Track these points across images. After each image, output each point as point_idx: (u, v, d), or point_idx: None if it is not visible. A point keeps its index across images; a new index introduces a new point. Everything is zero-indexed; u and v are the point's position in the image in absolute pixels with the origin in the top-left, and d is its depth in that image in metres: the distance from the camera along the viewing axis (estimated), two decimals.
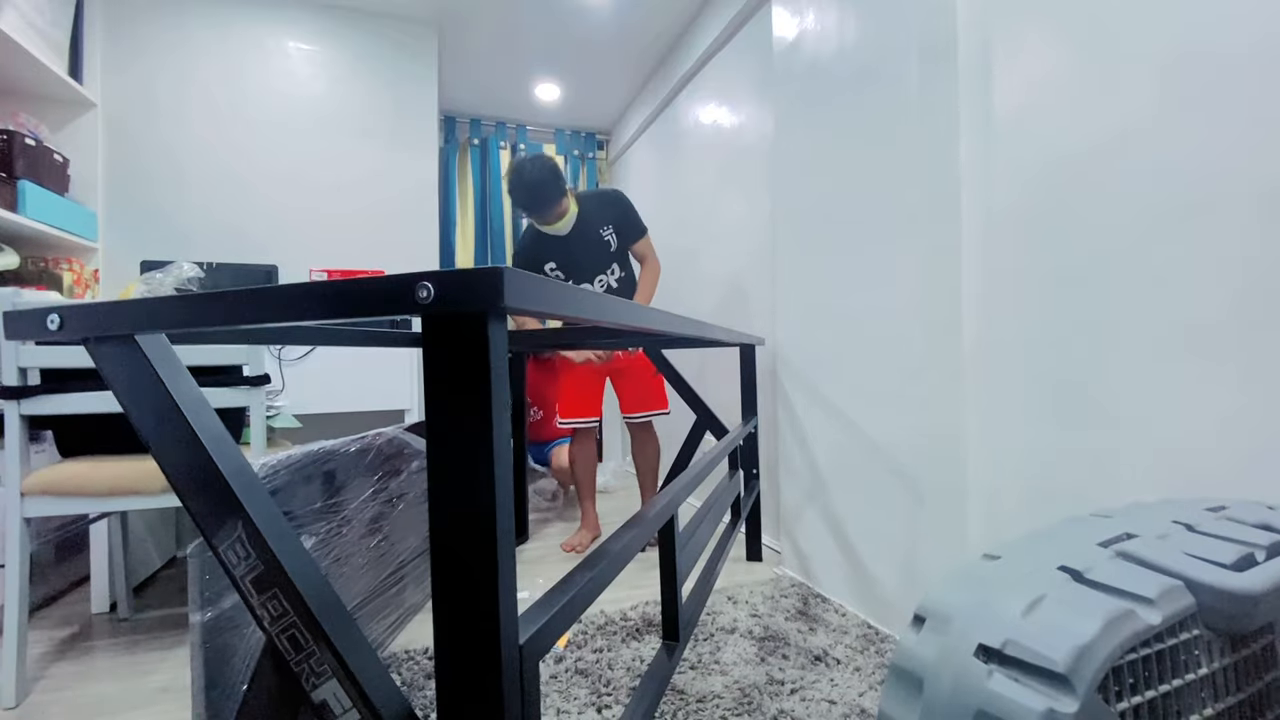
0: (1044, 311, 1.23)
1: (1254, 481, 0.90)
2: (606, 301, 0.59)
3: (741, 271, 2.48)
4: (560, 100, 3.63)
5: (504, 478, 0.42)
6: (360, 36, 2.73)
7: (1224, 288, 0.95)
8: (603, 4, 2.70)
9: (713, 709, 1.16)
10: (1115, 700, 0.48)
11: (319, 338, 1.41)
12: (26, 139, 1.96)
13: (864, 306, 1.59)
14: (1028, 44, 1.27)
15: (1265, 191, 0.90)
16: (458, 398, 0.41)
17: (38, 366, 1.26)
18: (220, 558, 0.51)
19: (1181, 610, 0.52)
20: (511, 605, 0.44)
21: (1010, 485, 1.31)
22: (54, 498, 1.27)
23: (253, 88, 2.58)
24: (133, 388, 0.53)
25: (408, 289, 0.40)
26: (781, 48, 1.93)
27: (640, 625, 1.53)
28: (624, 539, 0.76)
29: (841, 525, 1.68)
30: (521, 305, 0.41)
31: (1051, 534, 0.68)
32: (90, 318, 0.52)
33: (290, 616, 0.50)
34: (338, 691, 0.49)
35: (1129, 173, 1.08)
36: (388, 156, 2.77)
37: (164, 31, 2.47)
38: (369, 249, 2.71)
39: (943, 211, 1.41)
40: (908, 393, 1.45)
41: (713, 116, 2.73)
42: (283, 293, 0.44)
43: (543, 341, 2.26)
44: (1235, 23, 0.93)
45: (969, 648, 0.52)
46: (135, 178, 2.42)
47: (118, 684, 1.32)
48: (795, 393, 1.90)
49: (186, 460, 0.52)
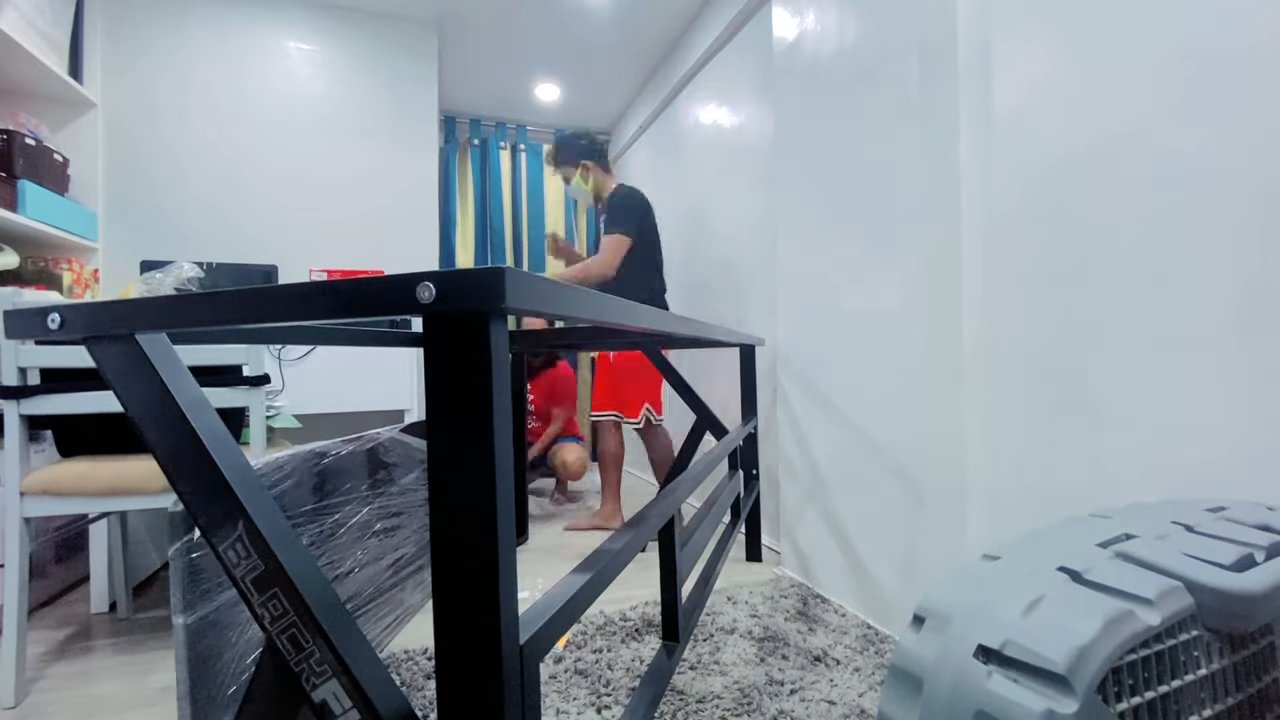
0: (1044, 311, 1.23)
1: (1254, 481, 0.90)
2: (607, 301, 0.59)
3: (741, 271, 2.48)
4: (560, 100, 3.63)
5: (504, 477, 0.42)
6: (360, 36, 2.73)
7: (1224, 288, 0.95)
8: (603, 4, 2.70)
9: (712, 709, 1.16)
10: (1115, 701, 0.48)
11: (319, 337, 1.41)
12: (26, 139, 1.96)
13: (864, 306, 1.59)
14: (1028, 44, 1.27)
15: (1266, 191, 0.90)
16: (459, 398, 0.41)
17: (37, 366, 1.26)
18: (220, 557, 0.51)
19: (1181, 611, 0.52)
20: (512, 605, 0.44)
21: (1010, 485, 1.31)
22: (53, 497, 1.27)
23: (253, 88, 2.58)
24: (133, 387, 0.53)
25: (409, 289, 0.40)
26: (781, 48, 1.93)
27: (640, 625, 1.53)
28: (624, 539, 0.76)
29: (841, 525, 1.68)
30: (522, 305, 0.41)
31: (1051, 534, 0.68)
32: (90, 317, 0.52)
33: (290, 616, 0.50)
34: (337, 691, 0.49)
35: (1129, 173, 1.08)
36: (388, 156, 2.77)
37: (164, 31, 2.47)
38: (369, 249, 2.71)
39: (943, 211, 1.41)
40: (908, 393, 1.45)
41: (713, 116, 2.73)
42: (282, 293, 0.44)
43: (543, 341, 2.26)
44: (1235, 22, 0.93)
45: (968, 648, 0.52)
46: (135, 178, 2.42)
47: (117, 684, 1.32)
48: (795, 393, 1.90)
49: (186, 460, 0.52)
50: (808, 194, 1.82)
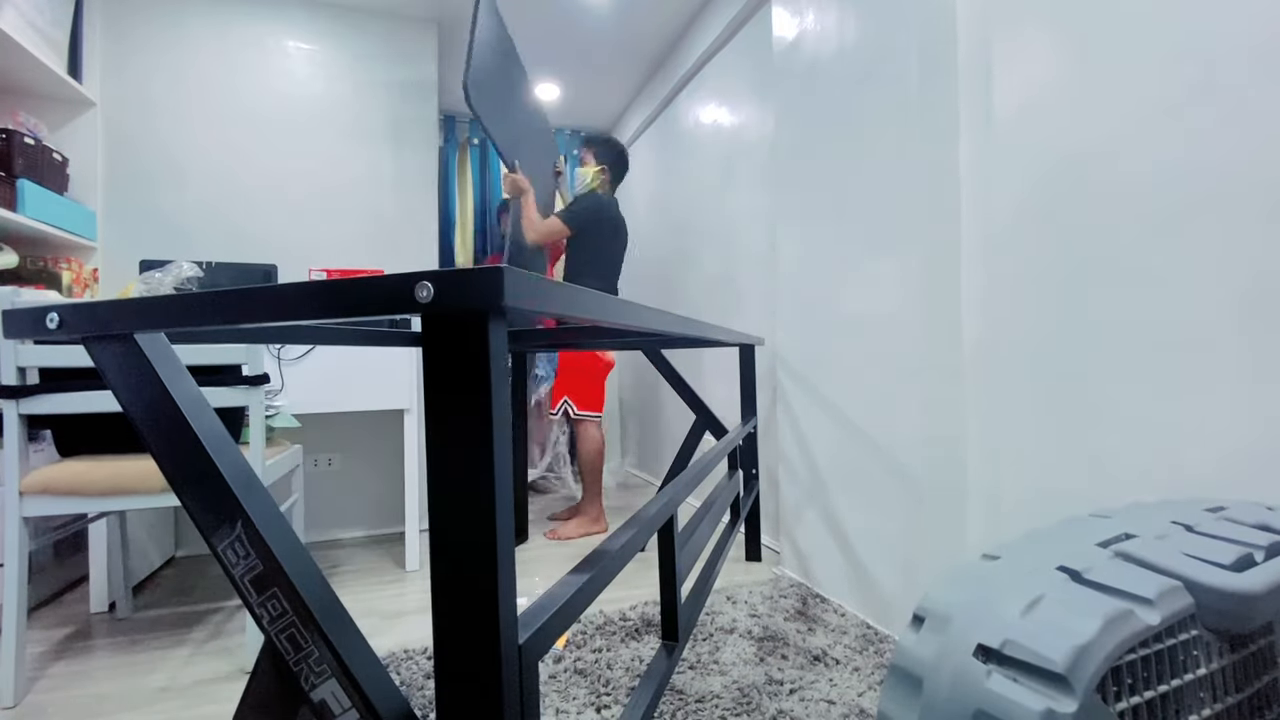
0: (1044, 311, 1.23)
1: (1254, 481, 0.90)
2: (608, 301, 0.59)
3: (741, 271, 2.48)
4: (560, 100, 3.63)
5: (504, 477, 0.42)
6: (360, 36, 2.73)
7: (1224, 288, 0.95)
8: (603, 4, 2.69)
9: (712, 709, 1.16)
10: (1114, 700, 0.48)
11: (319, 337, 1.41)
12: (26, 138, 1.96)
13: (864, 306, 1.59)
14: (1028, 44, 1.27)
15: (1266, 191, 0.90)
16: (458, 397, 0.41)
17: (37, 365, 1.26)
18: (219, 557, 0.51)
19: (1181, 610, 0.52)
20: (511, 605, 0.44)
21: (1010, 485, 1.31)
22: (53, 497, 1.27)
23: (252, 87, 2.58)
24: (132, 387, 0.53)
25: (408, 288, 0.40)
26: (781, 48, 1.93)
27: (639, 625, 1.53)
28: (624, 539, 0.76)
29: (841, 525, 1.68)
30: (522, 304, 0.41)
31: (1051, 534, 0.68)
32: (89, 317, 0.52)
33: (289, 616, 0.50)
34: (336, 691, 0.49)
35: (1129, 173, 1.08)
36: (388, 156, 2.76)
37: (163, 30, 2.46)
38: (368, 249, 2.71)
39: (942, 211, 1.41)
40: (908, 393, 1.45)
41: (713, 116, 2.73)
42: (282, 292, 0.44)
43: (542, 341, 2.26)
44: (1236, 22, 0.93)
45: (968, 648, 0.52)
46: (134, 177, 2.41)
47: (116, 684, 1.32)
48: (795, 393, 1.90)
49: (185, 460, 0.52)
50: (807, 194, 1.82)
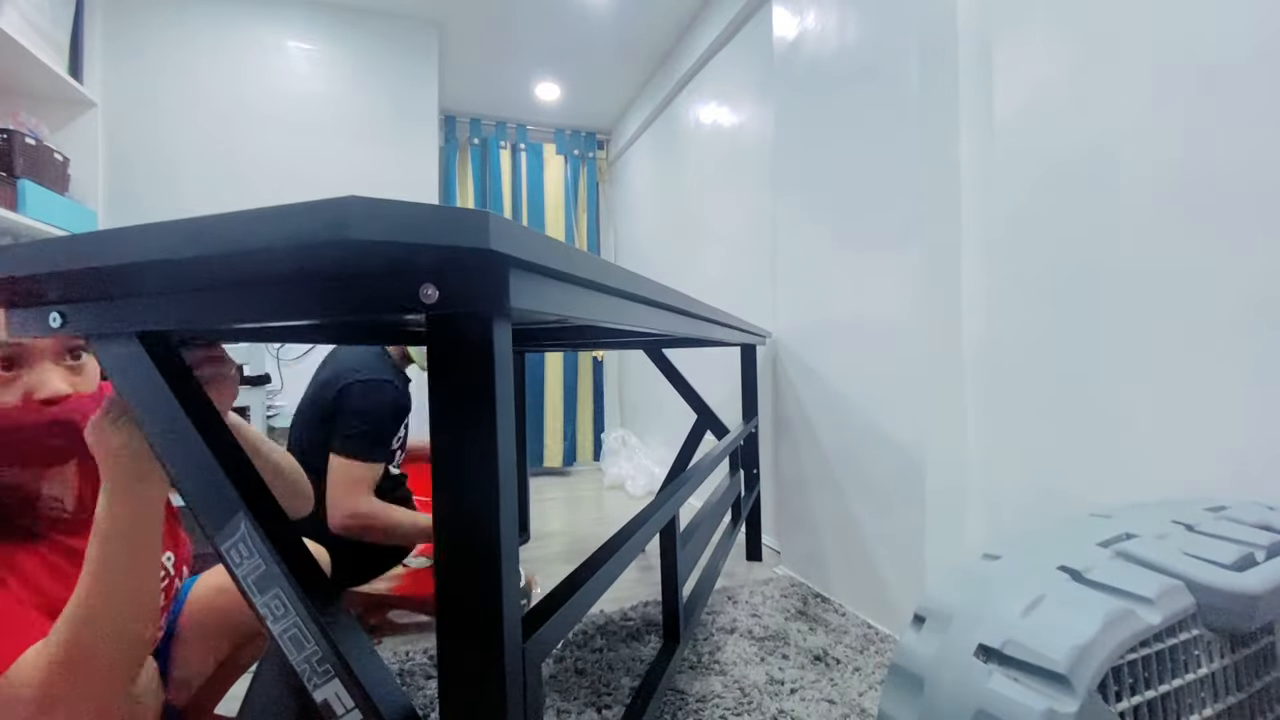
0: (1044, 311, 1.24)
1: (1254, 481, 0.90)
2: (607, 301, 0.59)
3: (741, 271, 2.48)
4: (560, 100, 3.63)
5: (507, 477, 0.42)
6: (360, 36, 2.73)
7: (1224, 288, 0.95)
8: (603, 4, 2.69)
9: (712, 709, 1.17)
10: (1115, 700, 0.48)
11: (319, 336, 1.40)
12: (26, 138, 1.96)
13: (864, 306, 1.59)
14: (1028, 44, 1.27)
15: (1266, 191, 0.90)
16: (462, 398, 0.41)
17: None
18: (223, 557, 0.51)
19: (1181, 610, 0.52)
20: (514, 606, 0.44)
21: (1010, 485, 1.31)
22: None
23: (253, 87, 2.58)
24: (134, 386, 0.53)
25: (412, 289, 0.40)
26: (782, 48, 1.93)
27: (640, 625, 1.53)
28: (625, 539, 0.77)
29: (841, 525, 1.68)
30: (525, 306, 0.41)
31: (1051, 534, 0.68)
32: (92, 316, 0.52)
33: (292, 616, 0.50)
34: (339, 691, 0.49)
35: (1129, 173, 1.08)
36: (388, 156, 2.77)
37: (164, 30, 2.46)
38: None
39: (943, 212, 1.41)
40: (908, 393, 1.45)
41: (713, 116, 2.73)
42: (283, 291, 0.44)
43: (544, 341, 2.26)
44: (1236, 23, 0.93)
45: (969, 647, 0.52)
46: (135, 177, 2.41)
47: None
48: (795, 393, 1.90)
49: (189, 459, 0.52)
50: (808, 194, 1.82)
